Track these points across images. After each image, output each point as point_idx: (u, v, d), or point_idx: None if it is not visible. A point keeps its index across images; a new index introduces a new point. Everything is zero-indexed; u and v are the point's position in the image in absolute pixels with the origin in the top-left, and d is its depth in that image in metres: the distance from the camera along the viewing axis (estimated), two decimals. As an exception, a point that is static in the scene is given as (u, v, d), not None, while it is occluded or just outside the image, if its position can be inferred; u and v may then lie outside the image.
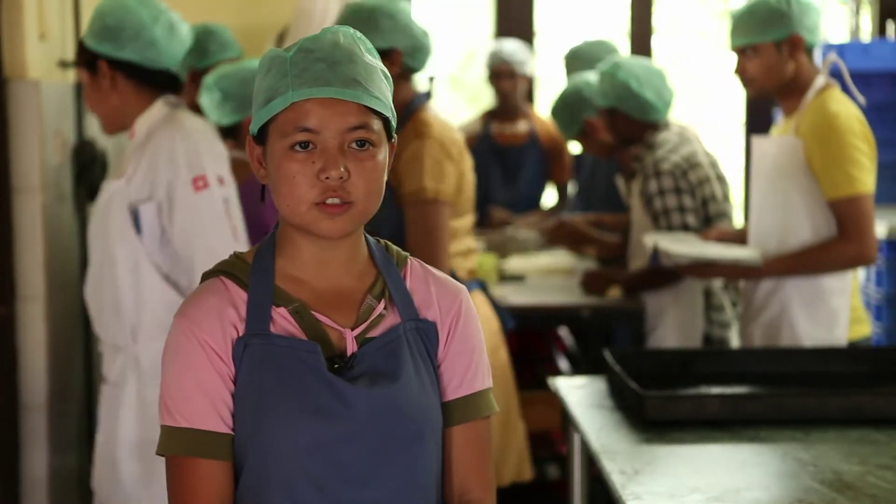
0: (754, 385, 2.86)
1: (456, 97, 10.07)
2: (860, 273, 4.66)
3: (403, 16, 3.27)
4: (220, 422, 1.69)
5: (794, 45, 3.30)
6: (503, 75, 5.44)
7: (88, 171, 4.33)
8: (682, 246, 3.54)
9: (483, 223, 5.38)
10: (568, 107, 4.45)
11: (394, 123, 1.75)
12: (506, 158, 5.53)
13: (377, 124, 1.71)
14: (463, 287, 1.84)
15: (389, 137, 1.74)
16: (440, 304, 1.79)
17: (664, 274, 3.80)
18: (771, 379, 2.89)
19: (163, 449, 1.71)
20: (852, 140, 3.23)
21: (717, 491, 2.19)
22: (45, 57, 4.15)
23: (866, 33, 5.64)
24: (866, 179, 3.24)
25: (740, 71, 3.38)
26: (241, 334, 1.70)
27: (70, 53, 4.34)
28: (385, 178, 1.73)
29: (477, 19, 8.90)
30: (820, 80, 3.31)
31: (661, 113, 4.01)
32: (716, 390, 2.81)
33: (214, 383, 1.69)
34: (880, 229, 4.47)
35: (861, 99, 3.37)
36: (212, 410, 1.69)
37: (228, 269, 1.75)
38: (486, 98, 6.54)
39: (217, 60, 4.10)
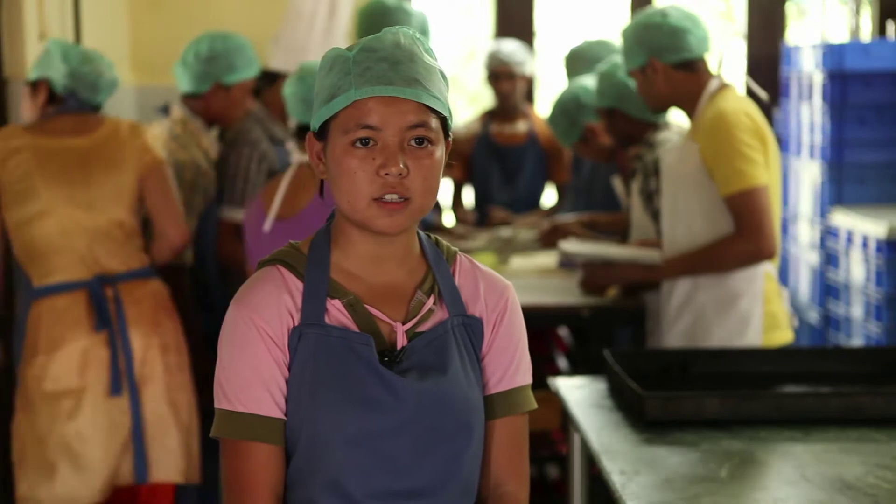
0: (754, 385, 2.86)
1: (456, 97, 10.07)
2: (859, 274, 4.66)
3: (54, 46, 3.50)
4: (276, 408, 1.74)
5: (654, 68, 3.46)
6: (502, 76, 5.44)
7: (88, 171, 4.32)
8: (585, 247, 3.73)
9: (483, 223, 5.38)
10: (567, 113, 4.44)
11: (451, 123, 1.79)
12: (505, 158, 5.52)
13: (435, 123, 1.75)
14: (509, 283, 1.87)
15: (446, 136, 1.78)
16: (486, 300, 1.83)
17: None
18: (771, 379, 2.89)
19: (219, 432, 1.75)
20: (738, 135, 3.29)
21: (717, 491, 2.19)
22: (45, 57, 4.14)
23: (866, 33, 5.64)
24: (755, 173, 3.29)
25: (637, 92, 3.60)
26: (296, 323, 1.75)
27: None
28: (441, 175, 1.77)
29: (477, 19, 8.91)
30: (713, 83, 3.42)
31: (661, 112, 4.00)
32: (716, 390, 2.80)
33: (271, 370, 1.74)
34: (880, 229, 4.47)
35: (763, 95, 3.53)
36: (268, 397, 1.73)
37: (285, 259, 1.79)
38: (485, 98, 6.54)
39: (242, 78, 3.98)
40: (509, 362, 1.84)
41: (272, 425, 1.74)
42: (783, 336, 3.41)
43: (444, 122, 1.77)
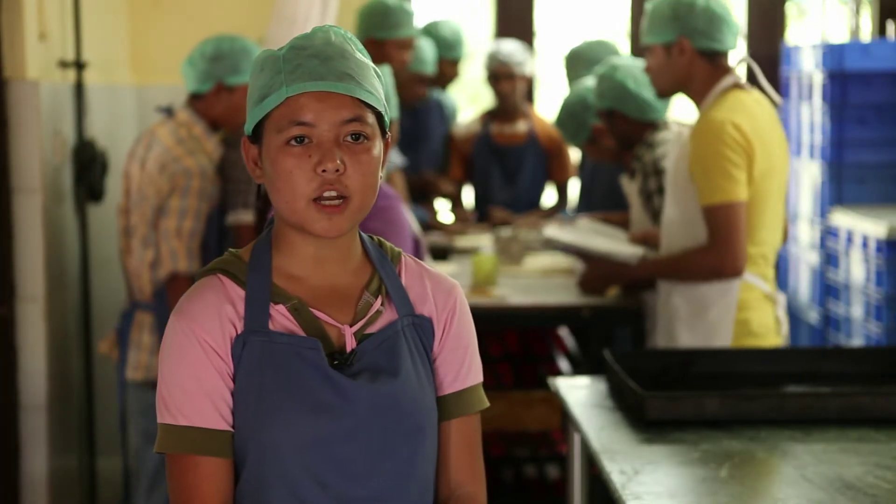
0: (754, 385, 2.86)
1: (456, 96, 10.05)
2: (859, 274, 4.66)
3: None
4: (221, 419, 1.70)
5: (682, 48, 3.39)
6: (501, 76, 5.44)
7: (88, 171, 4.33)
8: (566, 234, 3.85)
9: (483, 223, 5.38)
10: (573, 115, 4.43)
11: (387, 119, 1.76)
12: (505, 158, 5.52)
13: (371, 118, 1.72)
14: (456, 283, 1.85)
15: (384, 133, 1.76)
16: (436, 300, 1.81)
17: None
18: (771, 379, 2.89)
19: (163, 447, 1.70)
20: (720, 148, 3.26)
21: (717, 491, 2.19)
22: (45, 57, 4.15)
23: (866, 33, 5.63)
24: (731, 188, 3.25)
25: (646, 69, 3.52)
26: (239, 332, 1.70)
27: (70, 53, 4.34)
28: (380, 172, 1.74)
29: (477, 19, 8.90)
30: (727, 81, 3.37)
31: (659, 112, 4.01)
32: (716, 390, 2.80)
33: (214, 381, 1.69)
34: (880, 229, 4.47)
35: (777, 99, 3.46)
36: (212, 408, 1.69)
37: (225, 267, 1.75)
38: (486, 97, 6.54)
39: (245, 81, 3.89)
40: (461, 362, 1.81)
41: (217, 437, 1.69)
42: (759, 343, 3.35)
43: (381, 118, 1.74)
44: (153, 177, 3.72)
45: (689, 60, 3.39)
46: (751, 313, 3.35)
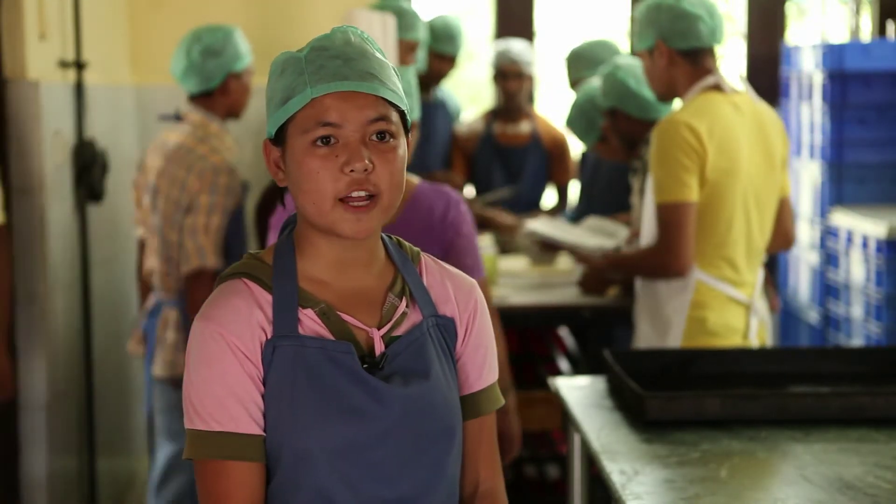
0: (754, 385, 2.86)
1: (459, 95, 10.05)
2: (859, 274, 4.66)
3: None
4: (254, 424, 1.69)
5: (660, 51, 3.40)
6: (510, 75, 5.43)
7: (88, 171, 4.33)
8: (545, 227, 4.07)
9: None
10: (584, 115, 4.44)
11: (409, 117, 1.76)
12: (508, 158, 5.52)
13: (395, 117, 1.72)
14: (475, 281, 1.85)
15: (406, 132, 1.75)
16: (457, 300, 1.81)
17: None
18: (771, 379, 2.89)
19: (193, 453, 1.69)
20: (671, 149, 3.27)
21: (717, 491, 2.19)
22: (45, 57, 4.15)
23: (866, 33, 5.64)
24: (676, 189, 3.26)
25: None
26: (269, 336, 1.70)
27: (70, 53, 4.34)
28: (405, 171, 1.74)
29: (477, 19, 8.91)
30: (707, 81, 3.37)
31: (661, 111, 4.01)
32: (716, 390, 2.80)
33: (245, 386, 1.68)
34: (880, 229, 4.47)
35: (752, 96, 3.46)
36: (244, 413, 1.68)
37: (250, 271, 1.74)
38: (487, 97, 6.54)
39: (247, 63, 3.88)
40: (482, 361, 1.82)
41: (251, 442, 1.68)
42: (717, 341, 3.34)
43: (403, 116, 1.74)
44: (178, 176, 3.70)
45: (669, 62, 3.40)
46: (707, 312, 3.33)
